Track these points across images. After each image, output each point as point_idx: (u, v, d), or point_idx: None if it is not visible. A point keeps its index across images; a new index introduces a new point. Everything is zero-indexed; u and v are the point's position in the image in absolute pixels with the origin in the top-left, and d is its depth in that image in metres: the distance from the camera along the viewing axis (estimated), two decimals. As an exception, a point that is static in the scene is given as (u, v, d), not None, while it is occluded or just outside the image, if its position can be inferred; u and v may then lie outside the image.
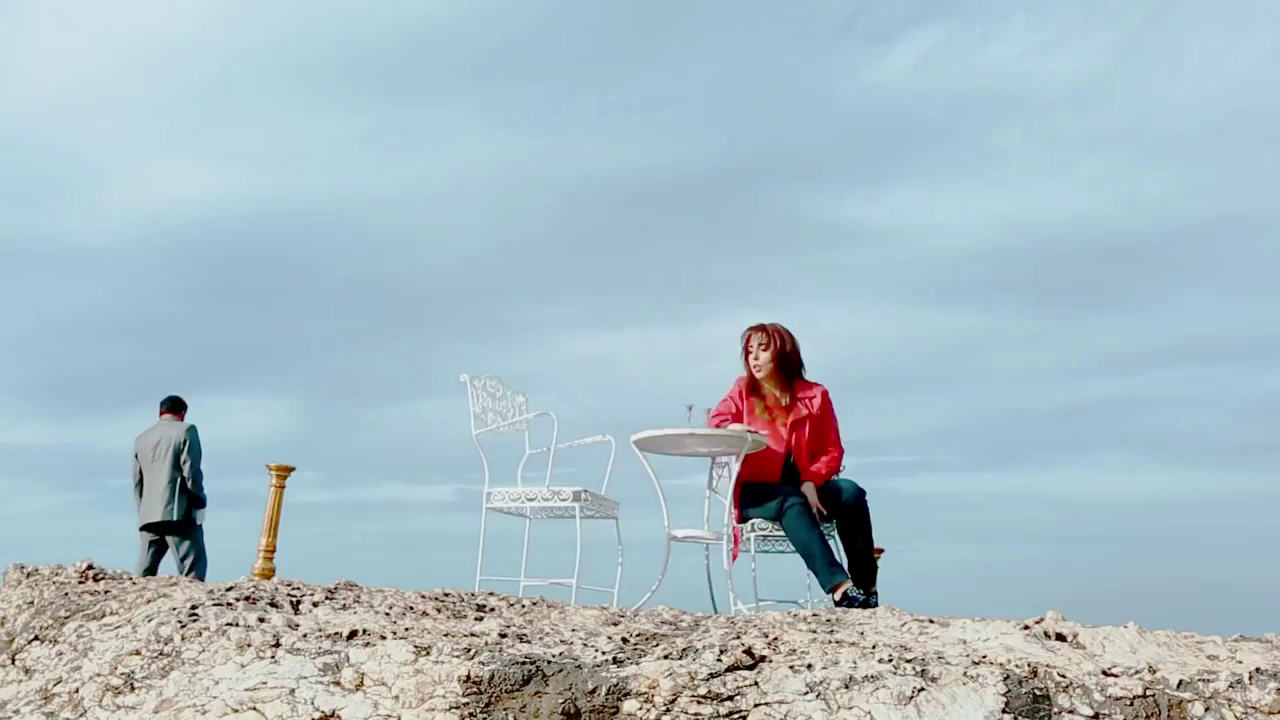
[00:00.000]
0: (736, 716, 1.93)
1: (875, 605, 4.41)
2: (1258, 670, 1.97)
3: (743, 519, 4.93)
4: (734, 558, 5.04)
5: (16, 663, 2.77)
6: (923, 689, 1.96)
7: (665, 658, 2.08)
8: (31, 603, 3.37)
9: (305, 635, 2.36)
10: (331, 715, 2.07)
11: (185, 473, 7.83)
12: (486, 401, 4.81)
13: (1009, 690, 1.95)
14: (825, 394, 4.97)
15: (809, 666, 2.03)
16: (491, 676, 2.03)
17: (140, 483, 8.01)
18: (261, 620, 2.55)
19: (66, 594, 3.31)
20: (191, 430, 7.97)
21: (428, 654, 2.13)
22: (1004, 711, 1.91)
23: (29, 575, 3.71)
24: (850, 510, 4.65)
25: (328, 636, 2.36)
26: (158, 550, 8.01)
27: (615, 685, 1.99)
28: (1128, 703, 1.95)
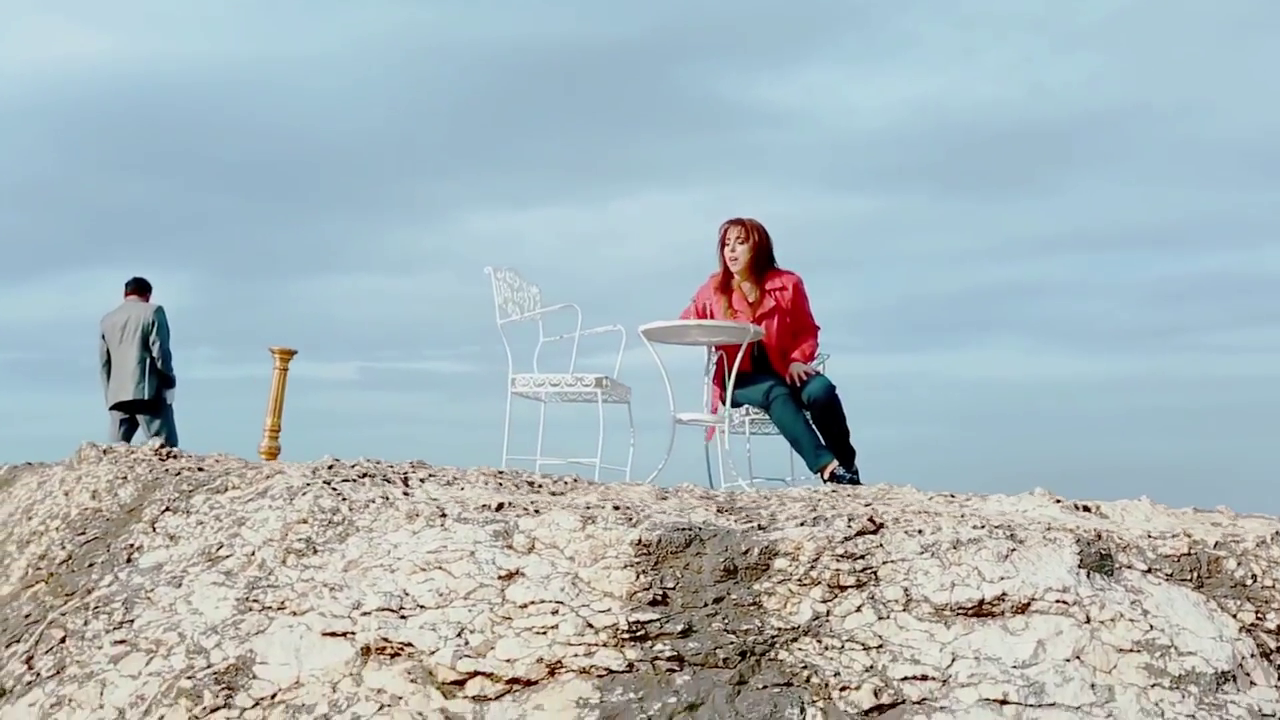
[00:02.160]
0: (869, 572, 2.34)
1: (859, 483, 4.91)
2: (1277, 533, 2.46)
3: (735, 403, 5.35)
4: (709, 438, 5.50)
5: (157, 530, 3.03)
6: (1014, 549, 2.40)
7: (801, 525, 2.47)
8: (125, 478, 3.59)
9: (465, 506, 2.68)
10: (516, 573, 2.41)
11: (155, 353, 7.92)
12: (506, 293, 5.08)
13: (1081, 550, 2.41)
14: (798, 283, 5.34)
15: (920, 531, 2.45)
16: (659, 540, 2.39)
17: (107, 363, 8.07)
18: (406, 494, 2.86)
19: (167, 470, 3.54)
20: (160, 311, 8.02)
21: (594, 522, 2.48)
22: (1079, 566, 2.37)
23: (106, 453, 3.91)
24: (822, 407, 5.07)
25: (482, 508, 2.68)
26: (128, 428, 8.13)
27: (766, 547, 2.37)
28: (1175, 559, 2.43)
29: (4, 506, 4.66)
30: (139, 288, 8.18)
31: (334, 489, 2.90)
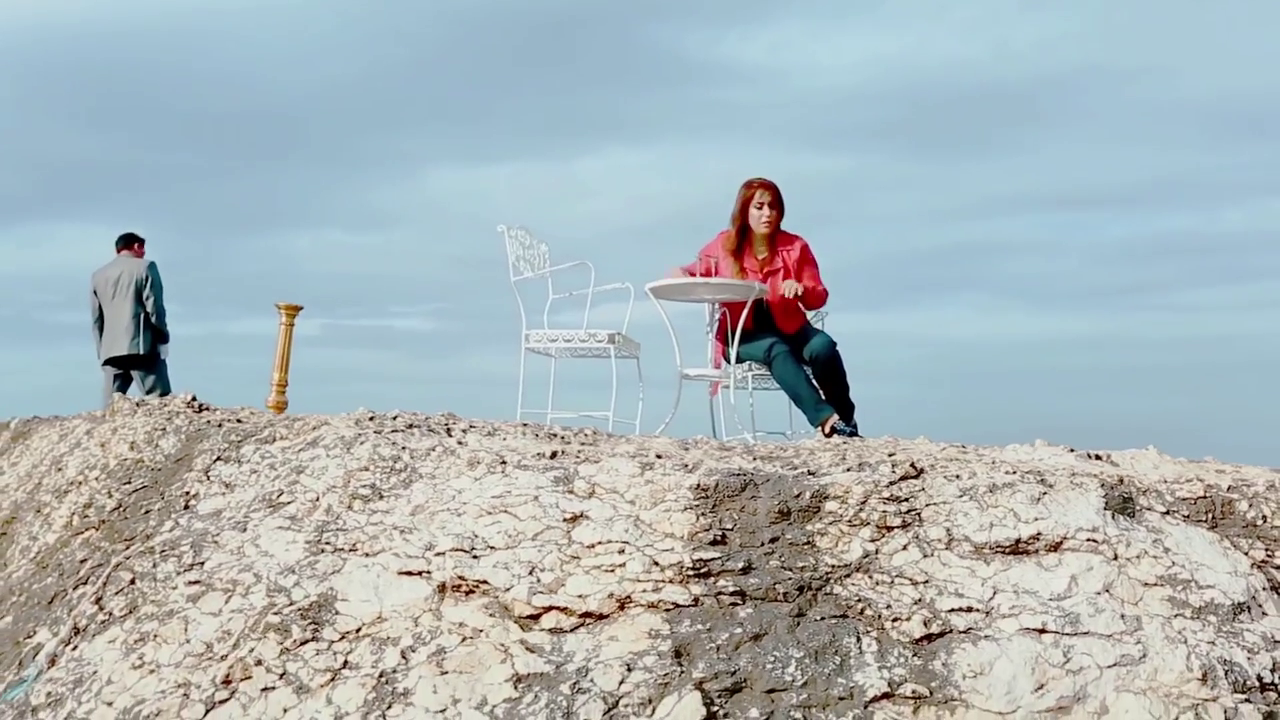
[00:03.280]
0: (913, 513, 2.51)
1: (859, 436, 5.09)
2: (1285, 478, 2.66)
3: (738, 359, 5.50)
4: (714, 393, 5.68)
5: (211, 478, 3.13)
6: (1045, 493, 2.57)
7: (848, 470, 2.63)
8: (164, 429, 3.67)
9: (522, 454, 2.81)
10: (580, 515, 2.55)
11: (149, 308, 7.92)
12: (518, 250, 5.17)
13: (1106, 494, 2.59)
14: (805, 247, 5.48)
15: (957, 476, 2.62)
16: (716, 484, 2.54)
17: (100, 318, 8.06)
18: (460, 444, 2.98)
19: (207, 421, 3.63)
20: (152, 266, 8.02)
21: (652, 468, 2.62)
22: (1105, 508, 2.55)
23: (139, 406, 3.99)
24: (823, 363, 5.23)
25: (538, 455, 2.81)
26: (123, 383, 8.15)
27: (817, 490, 2.53)
28: (1191, 502, 2.61)
29: (24, 459, 4.72)
30: (130, 242, 8.17)
31: (389, 438, 3.02)
